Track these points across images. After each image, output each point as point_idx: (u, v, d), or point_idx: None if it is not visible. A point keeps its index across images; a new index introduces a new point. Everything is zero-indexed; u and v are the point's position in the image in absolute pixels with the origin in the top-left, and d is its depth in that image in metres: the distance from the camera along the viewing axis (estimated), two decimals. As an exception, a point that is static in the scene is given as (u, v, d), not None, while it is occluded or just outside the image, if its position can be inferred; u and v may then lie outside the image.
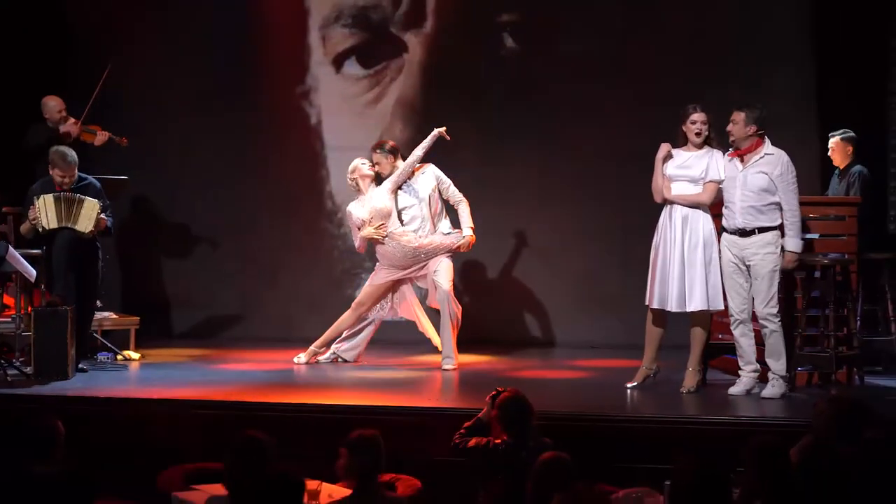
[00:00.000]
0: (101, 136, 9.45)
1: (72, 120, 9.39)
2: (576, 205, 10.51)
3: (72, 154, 8.58)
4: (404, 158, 9.07)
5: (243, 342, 10.23)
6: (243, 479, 4.58)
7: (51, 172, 8.54)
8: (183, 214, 11.02)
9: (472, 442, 5.90)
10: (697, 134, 7.77)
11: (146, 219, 10.93)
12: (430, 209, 9.02)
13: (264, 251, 10.90)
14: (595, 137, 10.39)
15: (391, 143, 9.26)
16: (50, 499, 5.17)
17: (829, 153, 9.29)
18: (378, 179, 9.12)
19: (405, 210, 9.04)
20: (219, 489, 5.48)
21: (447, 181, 9.07)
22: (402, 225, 8.98)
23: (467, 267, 10.54)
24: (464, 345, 9.49)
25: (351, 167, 9.13)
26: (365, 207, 9.00)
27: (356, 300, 9.17)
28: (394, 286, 9.12)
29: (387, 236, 8.93)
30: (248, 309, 10.83)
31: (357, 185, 9.08)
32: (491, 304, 10.63)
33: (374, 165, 9.08)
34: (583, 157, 10.45)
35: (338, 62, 11.05)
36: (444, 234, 9.06)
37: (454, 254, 9.08)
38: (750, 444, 4.88)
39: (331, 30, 11.04)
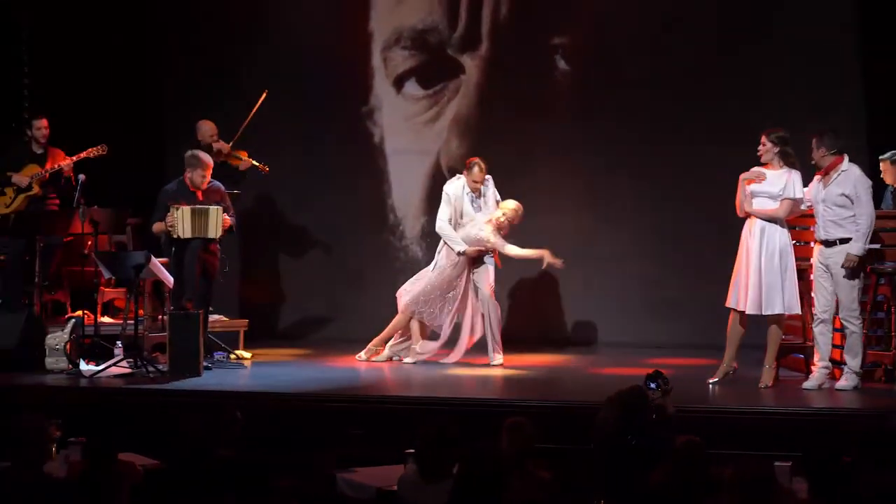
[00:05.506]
0: (245, 162, 10.18)
1: (221, 142, 10.09)
2: (638, 215, 11.07)
3: (206, 155, 9.28)
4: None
5: (334, 343, 10.76)
6: (438, 459, 5.24)
7: (188, 175, 9.15)
8: (271, 224, 11.66)
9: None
10: (759, 154, 8.46)
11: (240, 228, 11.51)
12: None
13: (346, 259, 11.55)
14: (652, 154, 10.95)
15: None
16: (231, 477, 5.92)
17: (882, 175, 9.66)
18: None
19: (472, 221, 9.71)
20: (379, 471, 6.22)
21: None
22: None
23: (536, 274, 11.06)
24: (536, 345, 10.30)
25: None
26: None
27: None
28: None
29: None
30: (335, 311, 11.49)
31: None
32: (561, 307, 11.20)
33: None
34: (638, 173, 11.02)
35: (398, 83, 11.64)
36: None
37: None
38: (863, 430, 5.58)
39: (391, 52, 11.62)
